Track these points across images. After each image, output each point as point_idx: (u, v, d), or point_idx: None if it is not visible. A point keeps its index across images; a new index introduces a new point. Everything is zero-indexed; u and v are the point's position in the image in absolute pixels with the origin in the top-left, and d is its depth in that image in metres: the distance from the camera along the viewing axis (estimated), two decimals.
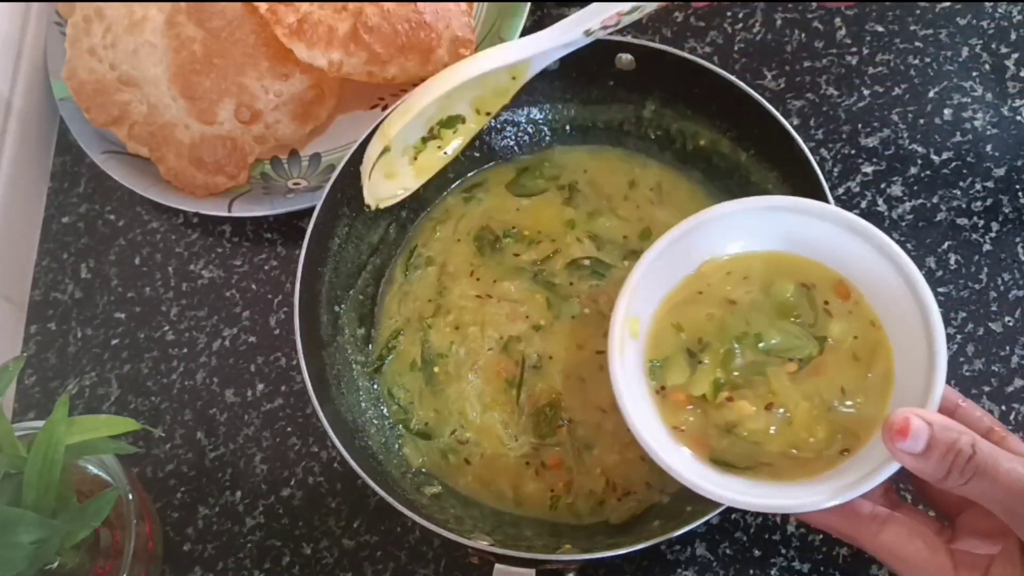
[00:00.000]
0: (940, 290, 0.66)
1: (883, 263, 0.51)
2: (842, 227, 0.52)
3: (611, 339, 0.52)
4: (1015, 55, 0.72)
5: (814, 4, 0.76)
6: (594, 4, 0.60)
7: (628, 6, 0.59)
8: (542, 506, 0.62)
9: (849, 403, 0.51)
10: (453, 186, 0.72)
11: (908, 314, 0.50)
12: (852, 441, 0.50)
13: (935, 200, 0.69)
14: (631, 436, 0.51)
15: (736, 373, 0.52)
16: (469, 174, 0.72)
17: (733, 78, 0.62)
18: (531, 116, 0.71)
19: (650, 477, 0.61)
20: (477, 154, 0.71)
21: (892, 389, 0.50)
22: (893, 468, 0.46)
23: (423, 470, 0.64)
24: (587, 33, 0.61)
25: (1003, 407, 0.64)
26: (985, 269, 0.67)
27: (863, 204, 0.70)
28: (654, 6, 0.60)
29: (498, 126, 0.71)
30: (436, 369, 0.66)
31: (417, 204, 0.71)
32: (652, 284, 0.54)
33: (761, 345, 0.53)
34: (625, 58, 0.66)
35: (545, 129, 0.71)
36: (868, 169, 0.71)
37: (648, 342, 0.54)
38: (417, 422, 0.65)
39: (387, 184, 0.66)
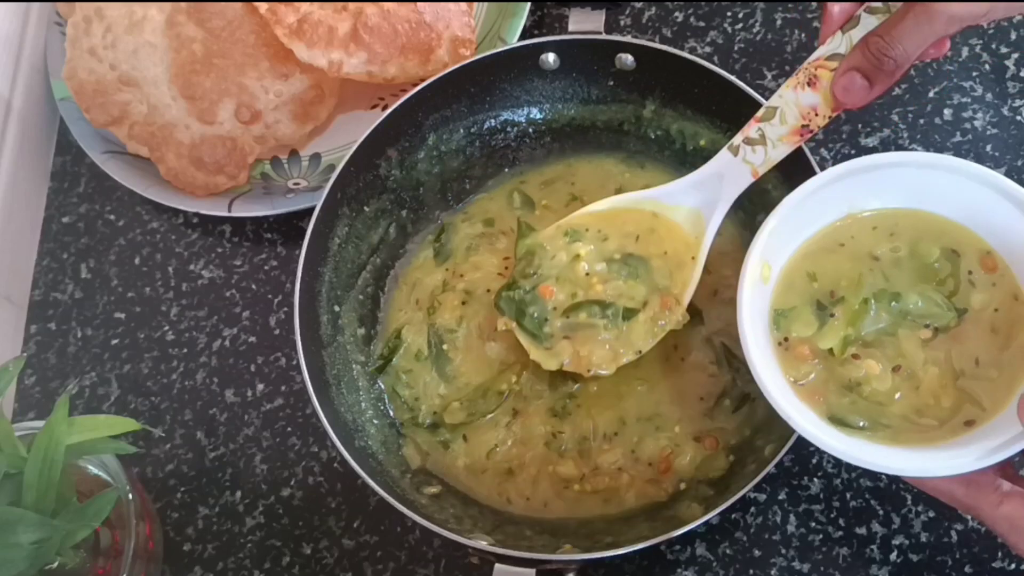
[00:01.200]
0: None
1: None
2: (995, 191, 0.51)
3: (742, 281, 0.52)
4: (1015, 55, 0.72)
5: (814, 4, 0.76)
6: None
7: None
8: (553, 497, 0.62)
9: (981, 375, 0.50)
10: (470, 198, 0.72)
11: None
12: (978, 413, 0.49)
13: None
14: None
15: (867, 331, 0.52)
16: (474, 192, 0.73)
17: (733, 78, 0.62)
18: (531, 116, 0.71)
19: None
20: (478, 154, 0.71)
21: None
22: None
23: (424, 469, 0.64)
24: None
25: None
26: None
27: None
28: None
29: (498, 126, 0.71)
30: (445, 347, 0.66)
31: (418, 205, 0.71)
32: (789, 230, 0.54)
33: (895, 305, 0.52)
34: (625, 58, 0.66)
35: (545, 129, 0.71)
36: None
37: (776, 290, 0.53)
38: (426, 414, 0.65)
39: None
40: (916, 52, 0.51)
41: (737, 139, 0.59)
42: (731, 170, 0.59)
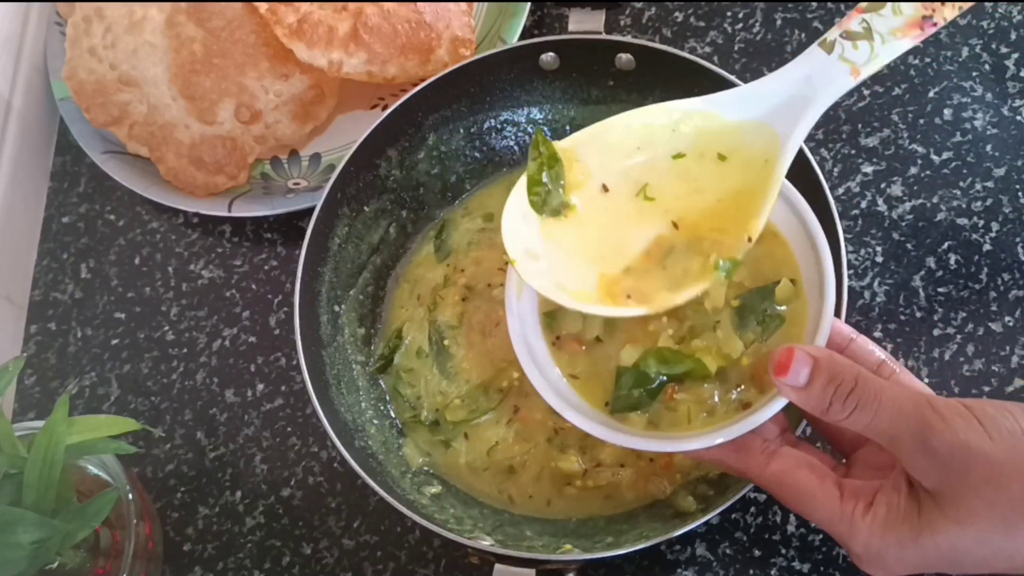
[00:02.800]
0: (940, 290, 0.66)
1: (780, 205, 0.51)
2: None
3: (508, 294, 0.52)
4: (1015, 55, 0.72)
5: (814, 4, 0.76)
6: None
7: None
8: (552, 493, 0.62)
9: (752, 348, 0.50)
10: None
11: (807, 250, 0.50)
12: (755, 397, 0.50)
13: (935, 200, 0.69)
14: None
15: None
16: (471, 188, 0.72)
17: (733, 78, 0.62)
18: (531, 116, 0.71)
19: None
20: (478, 154, 0.71)
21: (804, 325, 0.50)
22: (779, 404, 0.47)
23: (424, 469, 0.64)
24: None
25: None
26: (985, 269, 0.67)
27: (863, 204, 0.70)
28: None
29: (498, 126, 0.71)
30: (446, 342, 0.66)
31: (418, 204, 0.71)
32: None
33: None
34: (625, 58, 0.66)
35: (545, 129, 0.71)
36: (868, 169, 0.71)
37: (540, 296, 0.53)
38: (428, 412, 0.65)
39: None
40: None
41: (832, 33, 0.49)
42: (822, 71, 0.49)
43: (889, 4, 0.48)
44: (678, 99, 0.54)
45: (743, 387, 0.50)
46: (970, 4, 0.48)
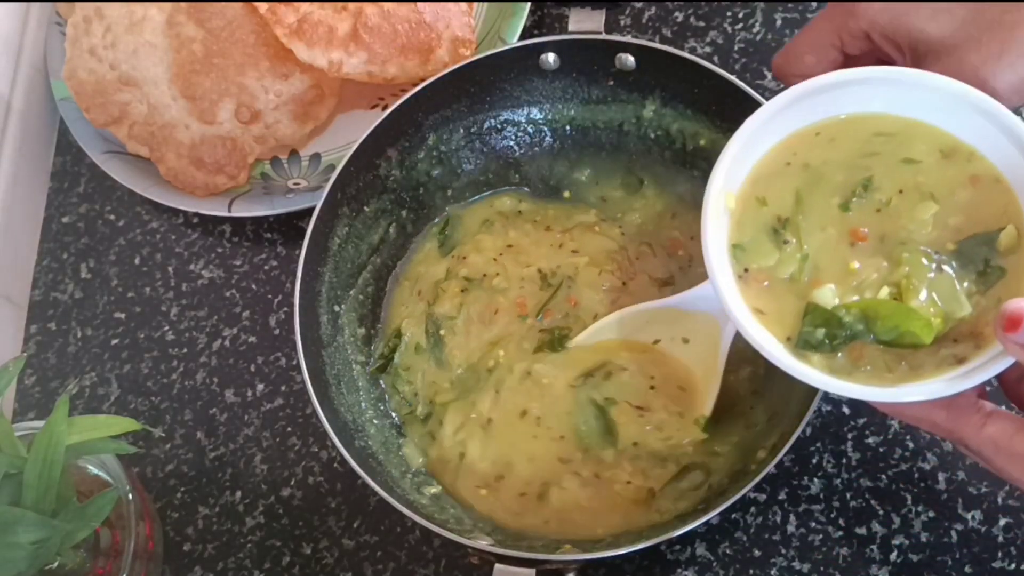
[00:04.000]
0: None
1: (1008, 149, 0.48)
2: (956, 103, 0.48)
3: (705, 214, 0.50)
4: None
5: (814, 4, 0.76)
6: None
7: None
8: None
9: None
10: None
11: None
12: (970, 351, 0.46)
13: None
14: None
15: (818, 249, 0.49)
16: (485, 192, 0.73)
17: (733, 78, 0.62)
18: (531, 116, 0.71)
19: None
20: (478, 155, 0.71)
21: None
22: (1006, 362, 0.44)
23: (423, 470, 0.64)
24: None
25: (1003, 407, 0.63)
26: None
27: None
28: None
29: (498, 126, 0.71)
30: (442, 332, 0.66)
31: (418, 204, 0.71)
32: (747, 156, 0.51)
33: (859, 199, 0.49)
34: (625, 58, 0.66)
35: (545, 129, 0.71)
36: None
37: (732, 221, 0.51)
38: (423, 406, 0.66)
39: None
40: None
41: None
42: None
43: None
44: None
45: (956, 340, 0.46)
46: None
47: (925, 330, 0.46)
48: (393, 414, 0.67)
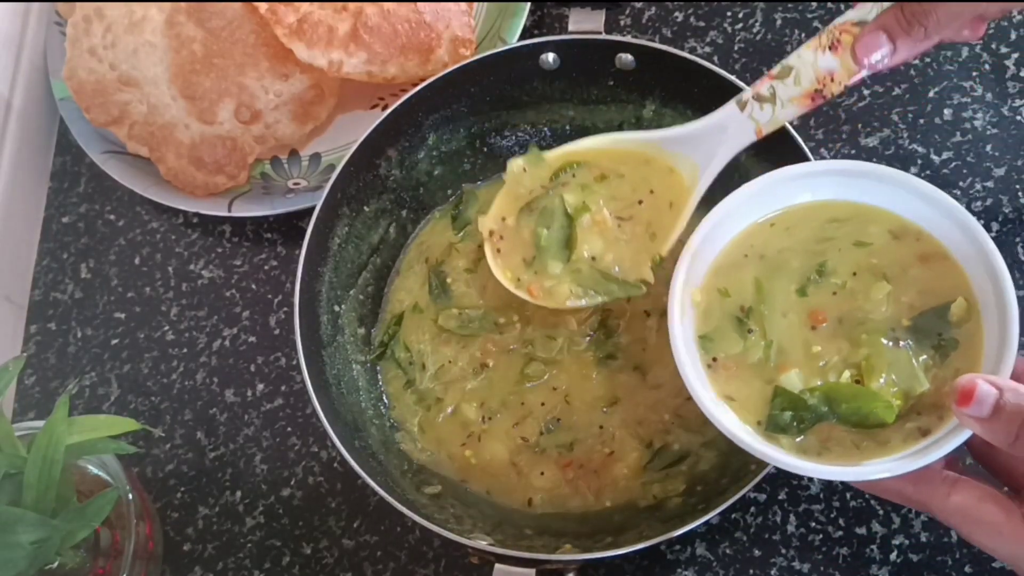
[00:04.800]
0: None
1: (951, 229, 0.51)
2: (902, 190, 0.51)
3: (671, 308, 0.51)
4: (1015, 55, 0.72)
5: (814, 4, 0.76)
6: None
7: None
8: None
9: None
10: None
11: (982, 275, 0.49)
12: (933, 424, 0.48)
13: None
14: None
15: (782, 335, 0.51)
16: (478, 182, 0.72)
17: (733, 78, 0.62)
18: (531, 116, 0.71)
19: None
20: (478, 155, 0.71)
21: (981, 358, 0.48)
22: (964, 435, 0.45)
23: (416, 463, 0.64)
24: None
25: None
26: None
27: None
28: None
29: (498, 126, 0.71)
30: (449, 280, 0.67)
31: (418, 204, 0.71)
32: (708, 249, 0.53)
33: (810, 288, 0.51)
34: (625, 58, 0.66)
35: (545, 130, 0.71)
36: None
37: (697, 312, 0.53)
38: (416, 362, 0.66)
39: None
40: (949, 25, 0.51)
41: (747, 93, 0.57)
42: (735, 125, 0.58)
43: (792, 75, 0.55)
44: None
45: (920, 413, 0.48)
46: (854, 81, 0.54)
47: (887, 411, 0.48)
48: (387, 398, 0.67)
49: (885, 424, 0.48)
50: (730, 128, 0.58)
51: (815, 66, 0.54)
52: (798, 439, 0.49)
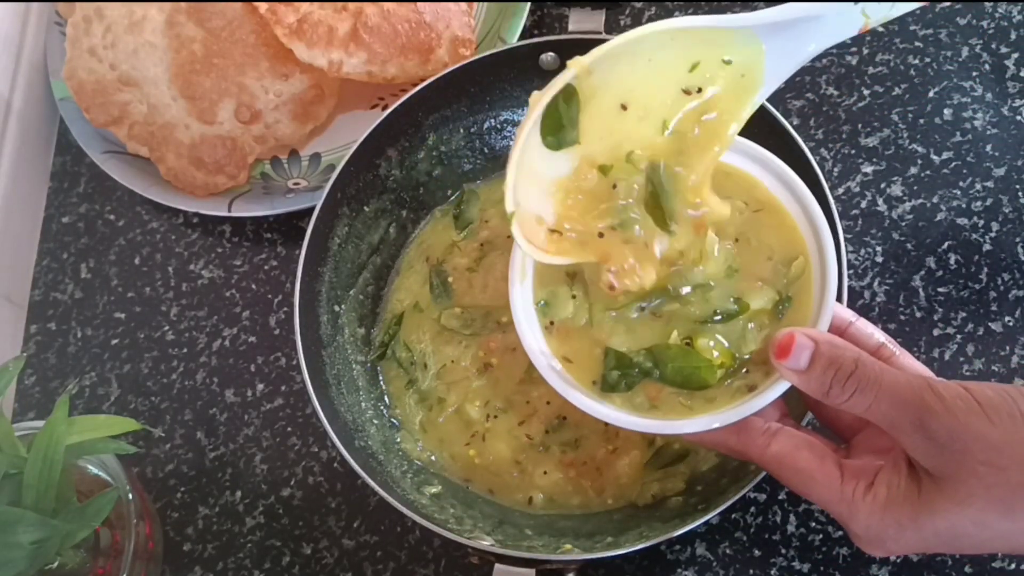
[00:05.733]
0: (940, 290, 0.66)
1: (779, 188, 0.52)
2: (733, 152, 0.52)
3: (511, 277, 0.52)
4: (1015, 55, 0.72)
5: None
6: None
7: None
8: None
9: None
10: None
11: (808, 232, 0.51)
12: (760, 379, 0.49)
13: (935, 200, 0.69)
14: None
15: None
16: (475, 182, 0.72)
17: None
18: None
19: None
20: (478, 155, 0.71)
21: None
22: (782, 387, 0.47)
23: (416, 463, 0.64)
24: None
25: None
26: (985, 269, 0.67)
27: (863, 204, 0.70)
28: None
29: (498, 126, 0.71)
30: (450, 279, 0.67)
31: (418, 204, 0.71)
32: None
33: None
34: None
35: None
36: (868, 169, 0.71)
37: (535, 281, 0.54)
38: (418, 361, 0.66)
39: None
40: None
41: None
42: (837, 14, 0.49)
43: None
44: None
45: (748, 371, 0.50)
46: None
47: (709, 372, 0.49)
48: (387, 398, 0.67)
49: (708, 385, 0.49)
50: (829, 18, 0.49)
51: None
52: (630, 397, 0.51)
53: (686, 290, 0.51)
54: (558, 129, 0.50)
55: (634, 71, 0.49)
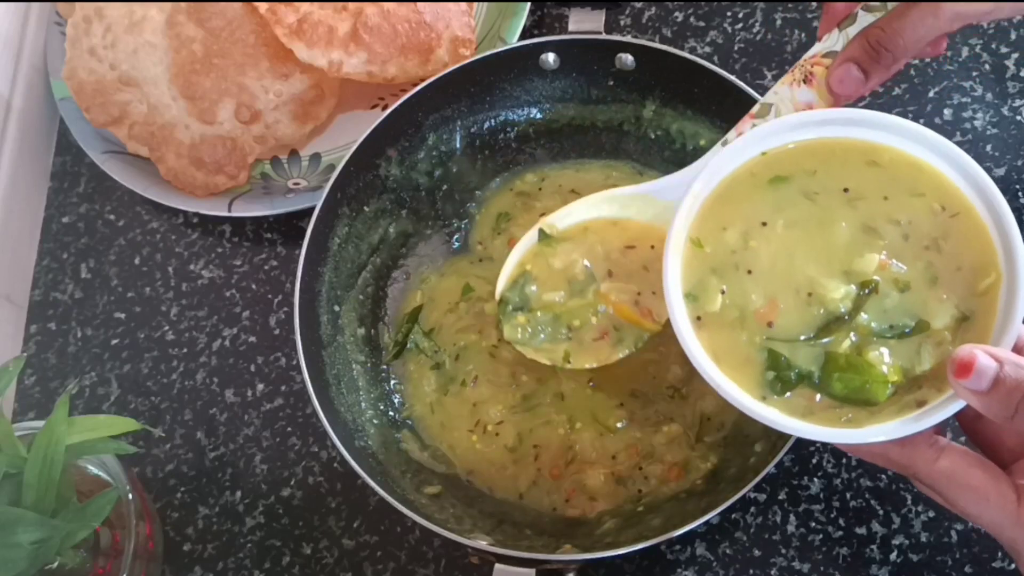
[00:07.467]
0: None
1: (970, 191, 0.49)
2: (909, 140, 0.49)
3: (666, 258, 0.50)
4: (1015, 55, 0.72)
5: (814, 4, 0.76)
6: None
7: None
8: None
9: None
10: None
11: (999, 246, 0.47)
12: (931, 395, 0.46)
13: None
14: None
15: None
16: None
17: (733, 78, 0.62)
18: (531, 116, 0.71)
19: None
20: (477, 154, 0.71)
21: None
22: (957, 405, 0.44)
23: (418, 462, 0.64)
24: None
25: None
26: None
27: None
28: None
29: (498, 126, 0.71)
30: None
31: (418, 204, 0.71)
32: (698, 199, 0.51)
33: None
34: (625, 58, 0.66)
35: (545, 129, 0.71)
36: None
37: (683, 267, 0.51)
38: (451, 364, 0.67)
39: None
40: (915, 47, 0.51)
41: (731, 134, 0.57)
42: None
43: (772, 112, 0.55)
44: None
45: (922, 387, 0.46)
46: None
47: (880, 389, 0.46)
48: (393, 412, 0.67)
49: (876, 402, 0.46)
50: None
51: (793, 100, 0.54)
52: (788, 400, 0.48)
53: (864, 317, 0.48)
54: None
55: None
